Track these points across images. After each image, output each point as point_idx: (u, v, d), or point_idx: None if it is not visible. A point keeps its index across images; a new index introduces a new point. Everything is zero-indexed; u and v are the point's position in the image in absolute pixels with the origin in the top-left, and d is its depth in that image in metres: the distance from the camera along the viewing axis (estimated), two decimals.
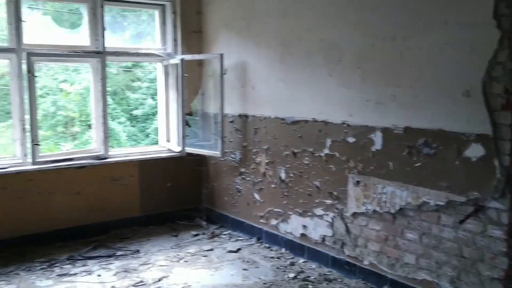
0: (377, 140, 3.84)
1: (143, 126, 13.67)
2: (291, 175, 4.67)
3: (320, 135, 4.32)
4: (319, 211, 4.40)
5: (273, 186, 4.90)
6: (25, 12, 4.78)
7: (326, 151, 4.28)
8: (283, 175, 4.76)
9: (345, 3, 3.99)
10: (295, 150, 4.60)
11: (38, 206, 4.84)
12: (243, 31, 5.12)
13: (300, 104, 4.48)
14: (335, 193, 4.24)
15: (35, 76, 4.73)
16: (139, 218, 5.50)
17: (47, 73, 12.82)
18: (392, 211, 3.76)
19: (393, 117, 3.70)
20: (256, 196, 5.13)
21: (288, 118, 4.63)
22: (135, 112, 13.92)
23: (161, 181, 5.65)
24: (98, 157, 5.21)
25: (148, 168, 5.54)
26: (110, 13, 12.51)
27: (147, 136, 13.24)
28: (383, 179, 3.82)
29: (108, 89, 13.57)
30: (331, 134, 4.22)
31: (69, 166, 4.97)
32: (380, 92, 3.78)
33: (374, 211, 3.90)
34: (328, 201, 4.30)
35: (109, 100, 13.68)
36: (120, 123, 13.56)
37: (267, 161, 4.94)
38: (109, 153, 5.31)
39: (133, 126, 14.02)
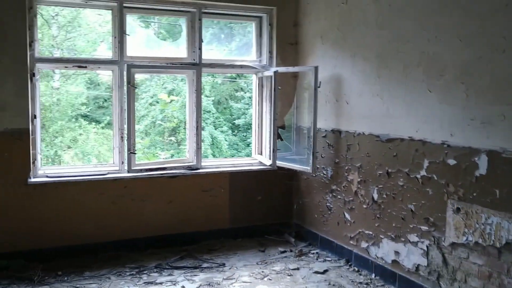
0: (482, 163, 3.42)
1: (244, 136, 13.92)
2: (384, 196, 4.36)
3: (417, 155, 3.98)
4: (413, 237, 4.05)
5: (364, 206, 4.62)
6: (128, 25, 5.01)
7: (423, 172, 3.92)
8: (375, 196, 4.47)
9: (450, 13, 3.63)
10: (389, 170, 4.29)
11: (131, 213, 5.03)
12: (338, 43, 4.92)
13: (396, 120, 4.18)
14: (431, 219, 3.87)
15: (135, 88, 4.94)
16: (228, 230, 5.50)
17: (158, 83, 13.60)
18: (498, 245, 3.32)
19: (502, 139, 3.28)
20: (347, 215, 4.88)
21: (383, 136, 4.34)
22: (237, 122, 14.25)
23: (251, 194, 5.61)
24: (190, 168, 5.31)
25: (239, 180, 5.53)
26: (218, 25, 12.99)
27: (247, 145, 13.46)
28: (488, 208, 3.39)
29: (212, 98, 14.04)
30: (429, 155, 3.87)
31: (162, 175, 5.11)
32: (487, 110, 3.37)
33: (476, 243, 3.48)
34: (424, 228, 3.94)
35: (213, 109, 14.20)
36: (222, 131, 13.95)
37: (359, 179, 4.68)
38: (201, 164, 5.38)
39: (234, 135, 14.35)
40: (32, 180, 4.62)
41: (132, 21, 12.50)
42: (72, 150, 13.25)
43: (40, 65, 4.69)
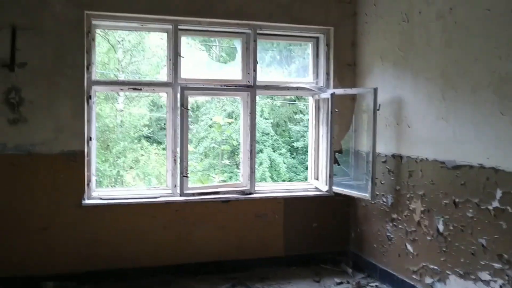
0: None
1: (303, 158, 13.69)
2: (451, 228, 3.99)
3: (488, 184, 3.60)
4: (484, 275, 3.65)
5: (428, 238, 4.26)
6: (183, 47, 5.01)
7: (496, 204, 3.54)
8: (441, 227, 4.10)
9: None
10: (457, 200, 3.92)
11: (182, 237, 4.93)
12: (399, 63, 4.65)
13: (464, 146, 3.83)
14: (505, 256, 3.46)
15: (188, 110, 4.89)
16: (282, 258, 5.27)
17: (217, 105, 13.73)
18: None
19: None
20: (409, 247, 4.52)
21: (449, 162, 3.99)
22: (296, 144, 14.05)
23: (306, 220, 5.37)
24: (243, 192, 5.16)
25: (294, 206, 5.31)
26: (277, 48, 12.97)
27: (306, 168, 13.21)
28: None
29: (270, 121, 13.97)
30: (502, 184, 3.48)
31: (214, 200, 5.00)
32: None
33: None
34: (497, 265, 3.53)
35: (272, 131, 14.12)
36: (280, 154, 13.80)
37: (422, 208, 4.33)
38: (255, 188, 5.23)
39: (293, 158, 14.15)
40: (86, 202, 4.65)
41: (187, 43, 12.79)
42: (134, 171, 13.58)
43: (96, 88, 4.76)
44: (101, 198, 4.74)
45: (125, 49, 13.88)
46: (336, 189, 5.17)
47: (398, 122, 4.66)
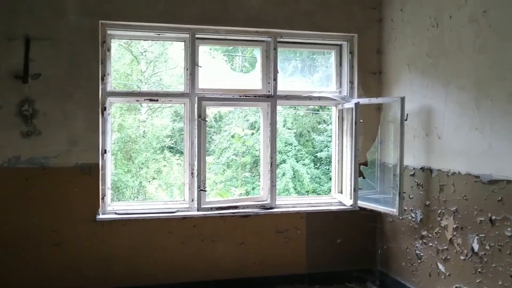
0: None
1: (327, 169, 13.38)
2: (487, 247, 3.68)
3: None
4: None
5: (462, 257, 3.95)
6: (202, 57, 4.85)
7: None
8: (475, 246, 3.80)
9: None
10: (493, 217, 3.62)
11: (200, 254, 4.74)
12: (428, 71, 4.38)
13: (501, 159, 3.53)
14: None
15: (206, 121, 4.71)
16: (304, 276, 5.02)
17: (240, 115, 13.57)
18: None
19: None
20: (440, 266, 4.22)
21: (484, 176, 3.69)
22: (319, 155, 13.76)
23: (330, 236, 5.11)
24: (263, 207, 4.95)
25: (317, 221, 5.06)
26: (300, 57, 12.77)
27: (330, 179, 12.90)
28: None
29: (293, 131, 13.74)
30: None
31: (233, 214, 4.79)
32: None
33: None
34: None
35: (295, 141, 13.87)
36: (304, 164, 13.53)
37: (455, 226, 4.03)
38: (276, 203, 5.00)
39: (317, 168, 13.86)
40: (101, 216, 4.51)
41: (207, 53, 12.72)
42: (156, 181, 13.50)
43: (111, 99, 4.63)
44: (116, 213, 4.59)
45: (148, 60, 13.89)
46: (361, 203, 4.91)
47: (428, 133, 4.38)
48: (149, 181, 13.50)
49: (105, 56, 4.54)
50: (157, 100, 4.80)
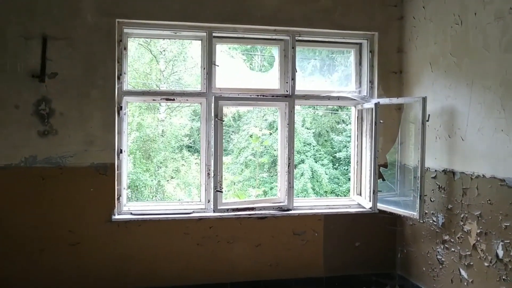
0: None
1: (346, 169, 13.21)
2: None
3: None
4: None
5: (486, 264, 3.81)
6: (219, 56, 4.79)
7: None
8: (500, 252, 3.66)
9: None
10: None
11: (216, 255, 4.68)
12: (451, 70, 4.24)
13: None
14: None
15: (223, 121, 4.65)
16: (321, 279, 4.92)
17: (258, 115, 13.49)
18: None
19: None
20: (463, 273, 4.08)
21: (510, 180, 3.55)
22: (338, 155, 13.59)
23: (348, 239, 5.01)
24: (280, 208, 4.86)
25: (335, 223, 4.96)
26: (319, 56, 12.62)
27: (349, 179, 12.73)
28: None
29: (312, 130, 13.61)
30: None
31: (250, 216, 4.72)
32: None
33: None
34: None
35: (313, 141, 13.73)
36: (322, 165, 13.38)
37: (478, 231, 3.89)
38: (293, 205, 4.91)
39: (335, 168, 13.69)
40: (116, 217, 4.48)
41: (225, 51, 12.64)
42: (175, 181, 13.50)
43: (128, 98, 4.60)
44: (131, 213, 4.56)
45: (167, 59, 13.90)
46: (381, 206, 4.79)
47: (450, 134, 4.24)
48: (168, 180, 13.52)
49: (122, 55, 4.51)
50: (173, 100, 4.75)
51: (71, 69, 4.34)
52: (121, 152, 4.53)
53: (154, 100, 4.82)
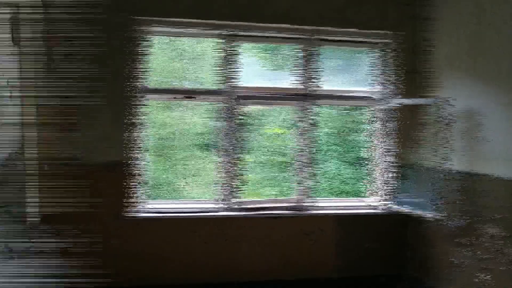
0: None
1: (362, 170, 13.12)
2: None
3: None
4: None
5: (505, 268, 3.74)
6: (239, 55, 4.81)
7: None
8: None
9: None
10: None
11: (226, 254, 4.67)
12: (472, 70, 4.16)
13: None
14: None
15: (241, 119, 4.69)
16: (333, 280, 4.87)
17: (278, 113, 13.50)
18: None
19: None
20: (481, 277, 4.00)
21: None
22: (355, 155, 13.53)
23: (360, 240, 4.95)
24: (293, 208, 4.84)
25: (348, 224, 4.93)
26: (339, 55, 12.58)
27: (364, 180, 12.63)
28: None
29: (330, 130, 13.57)
30: None
31: (262, 215, 4.71)
32: None
33: None
34: None
35: (331, 141, 13.68)
36: (338, 165, 13.31)
37: (500, 234, 3.81)
38: (305, 204, 4.89)
39: (351, 169, 13.62)
40: (128, 214, 4.47)
41: (244, 50, 12.66)
42: (191, 178, 13.57)
43: (148, 96, 4.63)
44: (143, 211, 4.57)
45: (188, 57, 13.97)
46: (396, 207, 4.75)
47: (472, 135, 4.16)
48: (184, 178, 13.57)
49: (138, 53, 4.48)
50: (193, 98, 4.77)
51: (86, 65, 4.29)
52: (135, 149, 4.53)
53: (174, 98, 4.84)
